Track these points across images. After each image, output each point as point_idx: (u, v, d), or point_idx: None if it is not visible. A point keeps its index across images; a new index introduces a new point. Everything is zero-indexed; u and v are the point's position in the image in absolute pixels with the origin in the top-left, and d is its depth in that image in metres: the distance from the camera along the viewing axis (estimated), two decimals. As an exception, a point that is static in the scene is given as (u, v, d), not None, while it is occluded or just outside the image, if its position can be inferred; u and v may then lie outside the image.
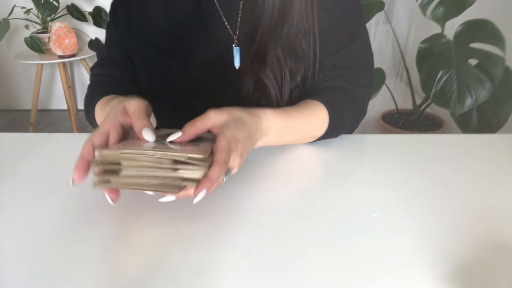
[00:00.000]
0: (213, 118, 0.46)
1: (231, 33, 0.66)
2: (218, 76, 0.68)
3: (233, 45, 0.66)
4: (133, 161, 0.40)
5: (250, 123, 0.50)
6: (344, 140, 0.66)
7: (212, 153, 0.42)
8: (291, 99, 0.66)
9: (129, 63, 0.72)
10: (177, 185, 0.39)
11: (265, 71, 0.63)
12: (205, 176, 0.39)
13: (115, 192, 0.43)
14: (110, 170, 0.40)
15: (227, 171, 0.44)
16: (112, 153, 0.40)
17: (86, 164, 0.42)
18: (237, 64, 0.66)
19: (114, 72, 0.71)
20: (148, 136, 0.43)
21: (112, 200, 0.42)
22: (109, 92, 0.65)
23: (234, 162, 0.44)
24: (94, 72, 0.74)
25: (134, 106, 0.46)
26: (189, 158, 0.39)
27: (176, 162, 0.39)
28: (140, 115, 0.45)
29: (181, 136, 0.44)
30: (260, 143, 0.55)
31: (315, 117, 0.61)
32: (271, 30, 0.62)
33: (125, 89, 0.67)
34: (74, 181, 0.41)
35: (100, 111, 0.63)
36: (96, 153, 0.41)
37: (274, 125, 0.55)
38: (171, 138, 0.43)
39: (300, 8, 0.61)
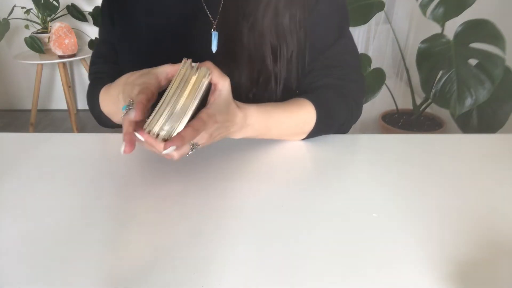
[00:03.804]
0: (224, 84, 0.49)
1: (211, 18, 0.68)
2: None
3: (212, 30, 0.68)
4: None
5: (233, 113, 0.52)
6: (344, 140, 0.66)
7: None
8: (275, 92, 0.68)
9: (117, 55, 0.74)
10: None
11: (244, 56, 0.66)
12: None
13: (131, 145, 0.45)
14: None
15: (194, 146, 0.48)
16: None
17: (132, 137, 0.44)
18: (214, 48, 0.68)
19: (105, 68, 0.74)
20: None
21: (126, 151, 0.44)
22: (104, 84, 0.67)
23: (203, 139, 0.49)
24: (90, 71, 0.77)
25: (169, 67, 0.49)
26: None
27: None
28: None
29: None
30: (238, 136, 0.57)
31: (300, 114, 0.62)
32: (253, 17, 0.64)
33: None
34: (126, 152, 0.44)
35: (103, 100, 0.66)
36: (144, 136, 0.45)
37: (254, 121, 0.57)
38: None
39: None
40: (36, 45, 2.39)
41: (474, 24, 1.48)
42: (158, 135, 0.44)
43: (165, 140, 0.44)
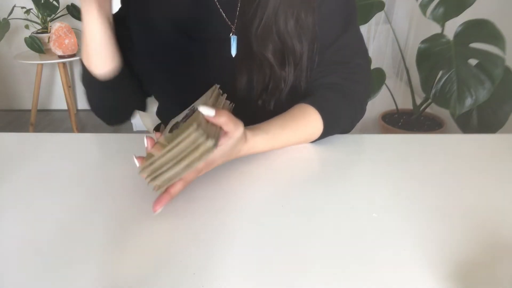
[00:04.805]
0: (236, 133, 0.49)
1: (229, 23, 0.67)
2: (215, 67, 0.69)
3: (231, 34, 0.67)
4: (159, 167, 0.44)
5: (238, 149, 0.54)
6: (344, 140, 0.66)
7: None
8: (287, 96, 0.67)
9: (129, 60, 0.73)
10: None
11: (259, 60, 0.65)
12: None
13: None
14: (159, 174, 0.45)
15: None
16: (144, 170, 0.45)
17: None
18: (233, 52, 0.67)
19: None
20: None
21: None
22: None
23: (202, 172, 0.52)
24: None
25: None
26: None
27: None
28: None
29: (212, 117, 0.45)
30: (242, 155, 0.57)
31: (307, 127, 0.62)
32: (271, 19, 0.63)
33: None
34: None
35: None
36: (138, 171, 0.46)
37: (260, 147, 0.57)
38: (204, 110, 0.45)
39: None
40: (36, 45, 2.39)
41: (474, 24, 1.48)
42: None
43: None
